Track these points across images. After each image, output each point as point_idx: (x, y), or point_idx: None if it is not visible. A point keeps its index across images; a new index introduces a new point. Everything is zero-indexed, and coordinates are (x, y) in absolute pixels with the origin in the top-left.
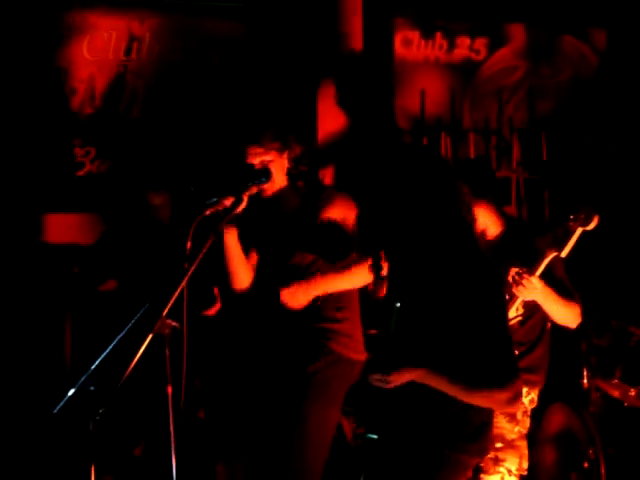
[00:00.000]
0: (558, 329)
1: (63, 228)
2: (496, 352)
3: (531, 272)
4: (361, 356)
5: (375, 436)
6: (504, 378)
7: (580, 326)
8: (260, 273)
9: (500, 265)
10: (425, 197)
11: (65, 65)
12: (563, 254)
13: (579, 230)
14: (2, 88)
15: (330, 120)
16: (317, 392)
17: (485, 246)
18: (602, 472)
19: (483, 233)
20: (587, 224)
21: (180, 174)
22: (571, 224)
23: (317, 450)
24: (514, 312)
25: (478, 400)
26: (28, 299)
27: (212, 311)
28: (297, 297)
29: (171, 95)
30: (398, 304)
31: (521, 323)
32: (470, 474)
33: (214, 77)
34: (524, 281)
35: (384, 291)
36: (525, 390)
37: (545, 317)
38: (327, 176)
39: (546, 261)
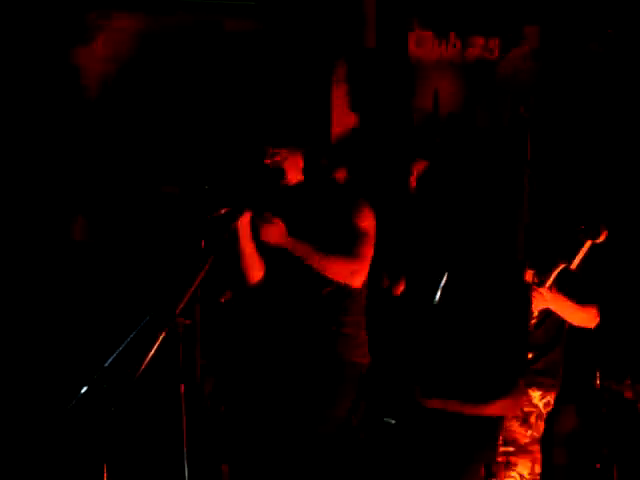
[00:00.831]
0: (572, 330)
1: (77, 226)
2: (504, 357)
3: (542, 284)
4: (364, 359)
5: (393, 421)
6: (507, 386)
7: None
8: (272, 270)
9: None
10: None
11: (79, 63)
12: (572, 266)
13: (588, 243)
14: (11, 87)
15: (344, 121)
16: (321, 395)
17: None
18: (614, 473)
19: None
20: (596, 237)
21: (191, 168)
22: (581, 237)
23: (322, 450)
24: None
25: (484, 412)
26: (42, 294)
27: (224, 298)
28: (273, 230)
29: (185, 94)
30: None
31: (536, 326)
32: (482, 474)
33: (228, 74)
34: (534, 293)
35: (400, 289)
36: (539, 393)
37: (562, 320)
38: (340, 175)
39: (555, 273)
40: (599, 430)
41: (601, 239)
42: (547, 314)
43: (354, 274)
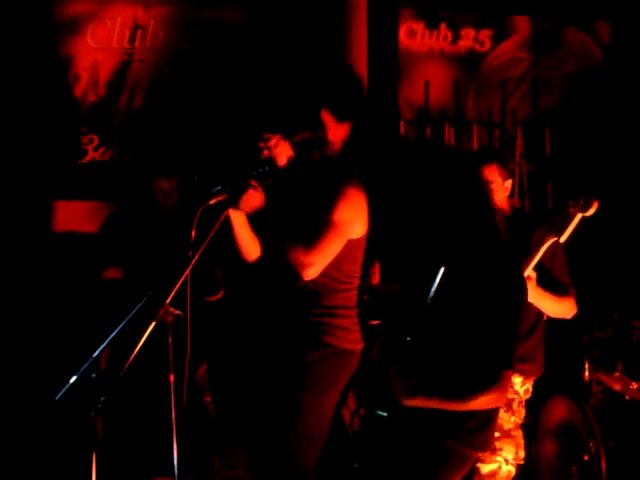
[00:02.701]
0: (559, 321)
1: (67, 216)
2: (488, 350)
3: (531, 256)
4: (357, 346)
5: (385, 413)
6: (490, 380)
7: (582, 318)
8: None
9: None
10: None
11: (69, 53)
12: (562, 239)
13: (578, 216)
14: (7, 77)
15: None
16: (313, 382)
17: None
18: (602, 465)
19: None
20: (586, 210)
21: (186, 161)
22: (570, 210)
23: (314, 439)
24: None
25: (467, 407)
26: (35, 286)
27: (215, 297)
28: (254, 198)
29: (175, 83)
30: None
31: None
32: (469, 466)
33: (219, 65)
34: None
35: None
36: (520, 380)
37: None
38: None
39: (545, 246)
40: (587, 422)
41: (591, 212)
42: None
43: (303, 267)
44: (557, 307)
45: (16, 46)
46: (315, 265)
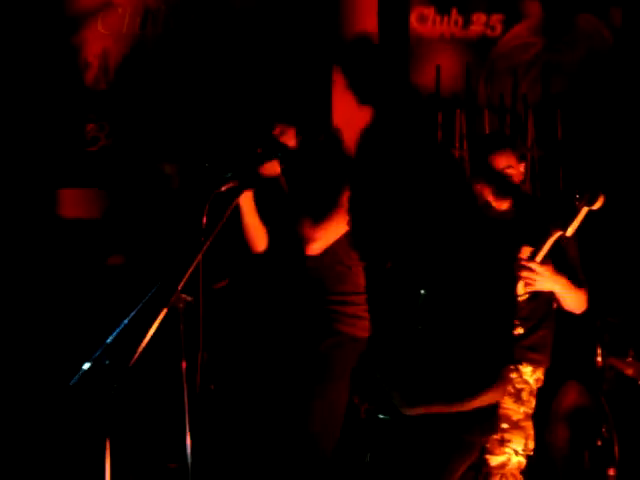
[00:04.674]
0: None
1: (78, 203)
2: (489, 347)
3: (534, 256)
4: (365, 333)
5: (387, 417)
6: (492, 377)
7: (593, 304)
8: (273, 240)
9: (515, 245)
10: (434, 187)
11: (80, 40)
12: (568, 233)
13: (585, 209)
14: (17, 64)
15: (343, 106)
16: (329, 370)
17: (501, 227)
18: (615, 450)
19: (502, 214)
20: (593, 203)
21: (191, 146)
22: (577, 203)
23: (328, 427)
24: (522, 289)
25: (469, 407)
26: (42, 273)
27: (219, 285)
28: (271, 165)
29: (186, 69)
30: (422, 291)
31: (528, 299)
32: (477, 454)
33: (229, 51)
34: (532, 274)
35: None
36: (530, 369)
37: (551, 296)
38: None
39: (551, 240)
40: (600, 407)
41: (598, 205)
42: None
43: (307, 241)
44: (571, 296)
45: (26, 35)
46: (319, 241)
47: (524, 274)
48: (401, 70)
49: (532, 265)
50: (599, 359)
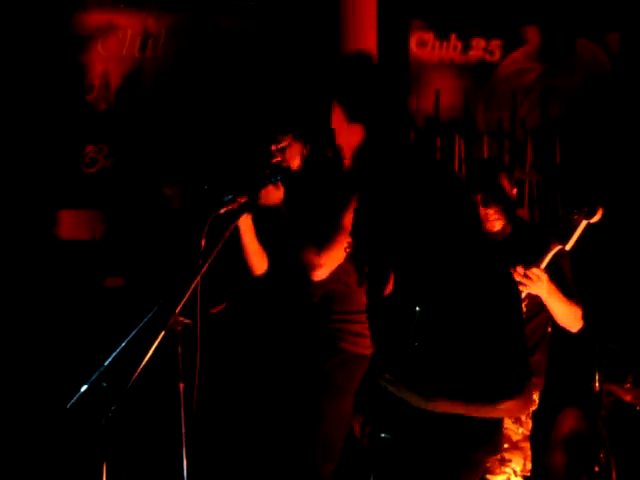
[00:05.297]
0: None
1: (77, 224)
2: (508, 360)
3: (536, 265)
4: (369, 351)
5: (389, 436)
6: (515, 388)
7: (592, 329)
8: (274, 262)
9: (509, 267)
10: (440, 207)
11: (81, 62)
12: (567, 247)
13: (583, 223)
14: (18, 85)
15: (341, 129)
16: (332, 388)
17: (495, 247)
18: (613, 476)
19: (494, 234)
20: (591, 217)
21: (192, 168)
22: (575, 217)
23: (331, 446)
24: None
25: (492, 413)
26: (40, 294)
27: (217, 309)
28: (274, 192)
29: (185, 92)
30: (418, 308)
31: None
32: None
33: (228, 74)
34: (529, 272)
35: (389, 289)
36: None
37: (546, 321)
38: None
39: (550, 254)
40: (598, 433)
41: (596, 219)
42: (534, 314)
43: (313, 268)
44: (566, 310)
45: (29, 56)
46: (324, 267)
47: (521, 277)
48: (400, 94)
49: (535, 270)
50: (597, 385)
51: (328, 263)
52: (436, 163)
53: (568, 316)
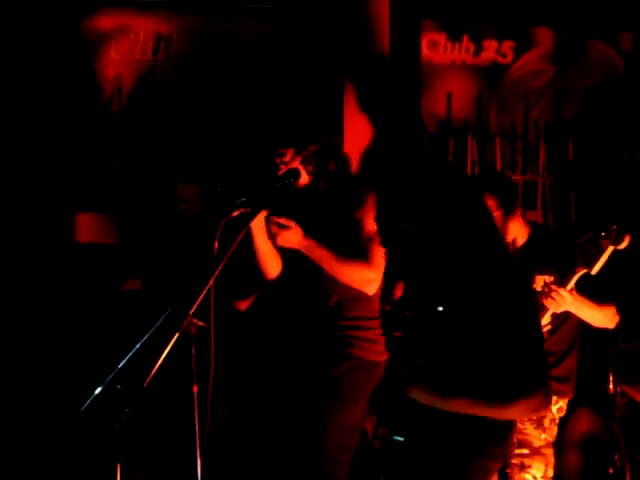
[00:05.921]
0: (583, 333)
1: (94, 228)
2: (526, 359)
3: (562, 285)
4: (382, 357)
5: (401, 438)
6: (529, 387)
7: (606, 331)
8: (287, 268)
9: (529, 273)
10: (456, 209)
11: (94, 65)
12: (593, 272)
13: (610, 248)
14: (34, 89)
15: (355, 125)
16: (342, 395)
17: (514, 254)
18: (627, 478)
19: (512, 242)
20: (619, 243)
21: (209, 168)
22: (603, 242)
23: (341, 452)
24: (546, 320)
25: (506, 414)
26: (59, 297)
27: (244, 304)
28: (289, 235)
29: (198, 95)
30: (441, 308)
31: (550, 332)
32: (496, 479)
33: (241, 77)
34: (553, 294)
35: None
36: (554, 399)
37: (577, 326)
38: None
39: (576, 277)
40: (612, 434)
41: (624, 245)
42: (563, 320)
43: (370, 282)
44: (598, 315)
45: (43, 60)
46: (378, 279)
47: (549, 299)
48: (412, 95)
49: (561, 291)
50: (611, 386)
51: (379, 274)
52: (450, 166)
53: (603, 319)
